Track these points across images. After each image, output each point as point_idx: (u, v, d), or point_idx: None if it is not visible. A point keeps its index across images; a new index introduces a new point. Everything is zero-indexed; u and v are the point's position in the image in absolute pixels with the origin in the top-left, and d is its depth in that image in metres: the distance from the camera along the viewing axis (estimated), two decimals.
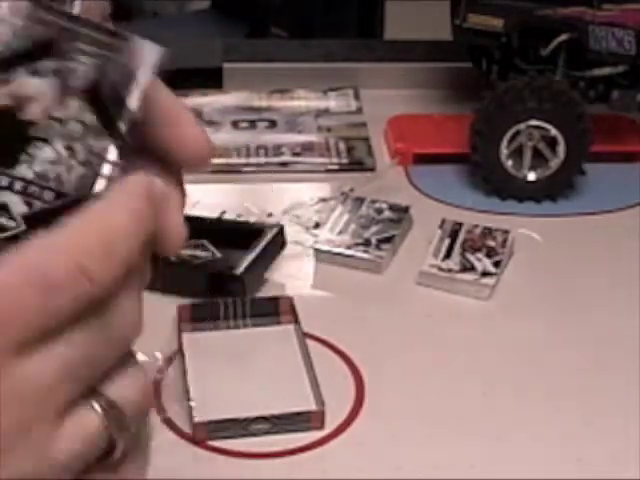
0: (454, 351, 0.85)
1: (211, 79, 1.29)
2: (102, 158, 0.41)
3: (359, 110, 1.25)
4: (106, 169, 0.41)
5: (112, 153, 0.42)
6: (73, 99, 0.41)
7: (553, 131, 1.03)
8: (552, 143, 1.04)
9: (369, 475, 0.73)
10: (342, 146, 1.17)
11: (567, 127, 1.03)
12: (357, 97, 1.28)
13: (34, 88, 0.41)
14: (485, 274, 0.92)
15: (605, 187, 1.09)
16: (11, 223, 0.40)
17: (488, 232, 0.97)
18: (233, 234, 0.95)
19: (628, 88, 1.10)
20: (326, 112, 1.24)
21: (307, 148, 1.16)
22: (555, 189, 1.06)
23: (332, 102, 1.27)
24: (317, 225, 1.01)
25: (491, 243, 0.96)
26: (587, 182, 1.08)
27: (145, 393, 0.40)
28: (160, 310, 0.86)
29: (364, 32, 1.96)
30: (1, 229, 0.40)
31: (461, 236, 0.97)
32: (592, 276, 0.96)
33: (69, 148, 0.41)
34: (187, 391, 0.77)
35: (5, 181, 0.41)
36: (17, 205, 0.41)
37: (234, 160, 1.13)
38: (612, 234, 1.02)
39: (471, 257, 0.94)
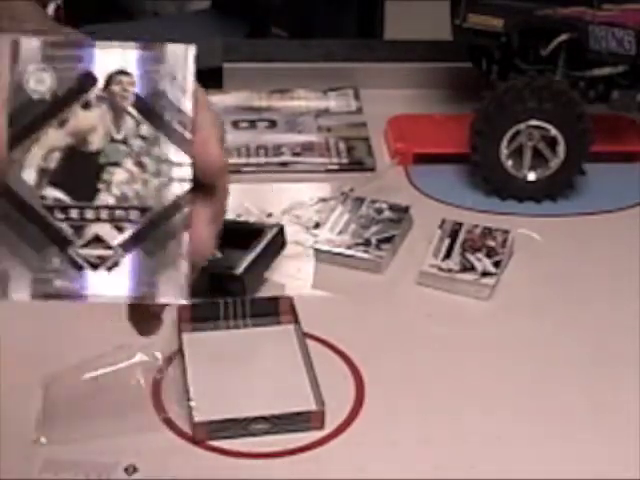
0: (454, 351, 0.85)
1: (211, 79, 1.29)
2: (171, 163, 0.44)
3: (359, 110, 1.25)
4: (178, 171, 0.44)
5: (177, 155, 0.44)
6: (127, 117, 0.44)
7: (553, 131, 1.03)
8: (552, 143, 1.04)
9: (369, 475, 0.73)
10: (342, 146, 1.17)
11: (567, 127, 1.03)
12: (357, 97, 1.28)
13: (91, 119, 0.44)
14: (485, 274, 0.92)
15: (605, 187, 1.09)
16: (109, 252, 0.44)
17: (488, 232, 0.97)
18: (233, 234, 0.94)
19: (628, 88, 1.10)
20: (326, 112, 1.24)
21: (307, 148, 1.16)
22: (555, 189, 1.06)
23: (332, 102, 1.27)
24: (317, 225, 1.01)
25: (491, 243, 0.96)
26: (587, 182, 1.08)
27: None
28: None
29: (364, 32, 1.96)
30: (102, 259, 0.43)
31: (461, 236, 0.97)
32: (592, 276, 0.96)
33: (139, 164, 0.44)
34: (187, 391, 0.77)
35: (91, 214, 0.43)
36: (109, 233, 0.44)
37: (234, 160, 1.13)
38: (612, 234, 1.02)
39: (471, 257, 0.94)
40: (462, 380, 0.82)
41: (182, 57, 0.44)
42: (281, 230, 0.95)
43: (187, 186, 0.44)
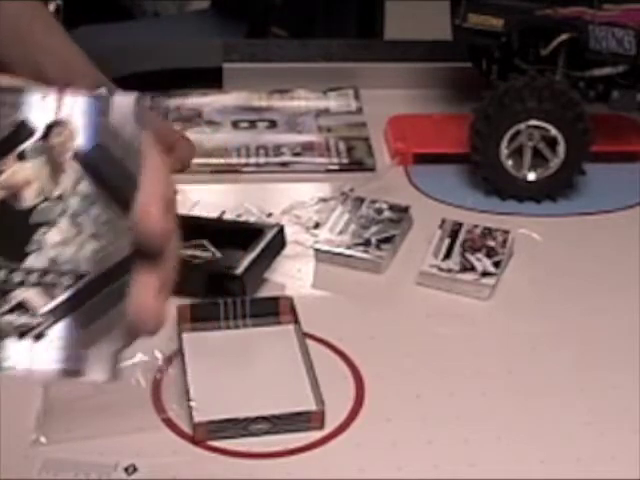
0: (454, 351, 0.85)
1: (211, 79, 1.29)
2: (111, 225, 0.39)
3: (359, 110, 1.25)
4: (117, 235, 0.40)
5: (118, 217, 0.40)
6: (65, 173, 0.39)
7: (553, 131, 1.03)
8: (552, 143, 1.04)
9: (369, 475, 0.73)
10: (342, 146, 1.17)
11: (567, 127, 1.03)
12: (357, 97, 1.28)
13: (26, 172, 0.39)
14: (485, 274, 0.92)
15: (605, 187, 1.09)
16: (34, 320, 0.39)
17: (488, 232, 0.97)
18: (233, 234, 0.95)
19: (628, 88, 1.10)
20: (326, 112, 1.24)
21: (307, 148, 1.16)
22: (555, 189, 1.06)
23: (332, 102, 1.27)
24: (317, 225, 1.01)
25: (491, 243, 0.96)
26: (587, 182, 1.08)
27: None
28: None
29: (364, 32, 1.96)
30: (27, 328, 0.39)
31: (461, 236, 0.97)
32: (592, 276, 0.96)
33: (75, 225, 0.39)
34: (187, 391, 0.77)
35: (19, 276, 0.39)
36: (37, 299, 0.39)
37: (234, 160, 1.13)
38: (612, 234, 1.02)
39: (471, 257, 0.94)
40: (462, 380, 0.82)
41: (129, 108, 0.39)
42: (281, 230, 0.95)
43: (127, 251, 0.40)
